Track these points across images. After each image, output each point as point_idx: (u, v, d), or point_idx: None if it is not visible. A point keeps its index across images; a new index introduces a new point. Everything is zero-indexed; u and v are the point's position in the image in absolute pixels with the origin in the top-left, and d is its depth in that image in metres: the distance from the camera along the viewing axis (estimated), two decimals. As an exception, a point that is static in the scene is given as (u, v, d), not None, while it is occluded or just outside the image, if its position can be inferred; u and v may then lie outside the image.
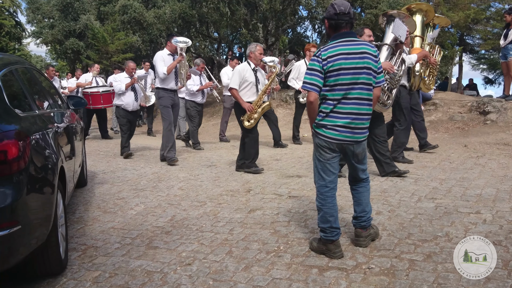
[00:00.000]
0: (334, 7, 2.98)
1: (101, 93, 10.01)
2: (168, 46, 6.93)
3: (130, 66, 8.14)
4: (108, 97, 10.00)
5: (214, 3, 13.76)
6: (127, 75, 8.10)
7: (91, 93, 9.98)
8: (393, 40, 5.24)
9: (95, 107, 10.09)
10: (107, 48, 16.96)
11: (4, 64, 3.04)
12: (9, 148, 2.36)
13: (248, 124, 5.85)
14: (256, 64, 5.95)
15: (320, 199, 3.08)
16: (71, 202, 4.74)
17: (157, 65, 6.75)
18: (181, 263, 3.06)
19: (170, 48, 6.88)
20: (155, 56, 6.92)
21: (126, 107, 7.91)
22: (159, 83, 6.92)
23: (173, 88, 6.98)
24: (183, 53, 6.90)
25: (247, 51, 6.07)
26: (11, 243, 2.32)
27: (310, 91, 2.98)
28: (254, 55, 5.90)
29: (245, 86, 5.89)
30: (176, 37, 6.94)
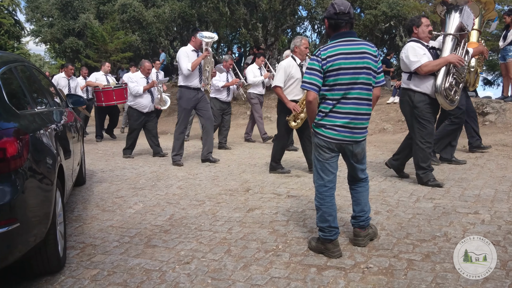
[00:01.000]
0: (334, 7, 2.98)
1: (113, 88, 9.58)
2: (192, 42, 6.59)
3: (146, 66, 7.69)
4: (120, 93, 9.59)
5: (213, 2, 13.77)
6: (142, 75, 7.66)
7: (103, 90, 9.58)
8: (458, 30, 4.82)
9: (108, 103, 9.62)
10: (106, 47, 16.96)
11: (3, 62, 3.03)
12: (8, 145, 2.36)
13: (295, 125, 5.51)
14: (301, 59, 5.55)
15: (319, 199, 3.08)
16: (70, 200, 4.74)
17: (181, 61, 6.45)
18: (179, 262, 3.06)
19: (195, 44, 6.56)
20: (179, 52, 6.61)
21: (141, 109, 7.54)
22: (182, 81, 6.60)
23: (197, 86, 6.63)
24: (209, 48, 6.56)
25: (292, 45, 5.66)
26: (10, 240, 2.32)
27: (309, 90, 2.98)
28: (300, 49, 5.52)
29: (291, 83, 5.53)
30: (201, 31, 6.61)
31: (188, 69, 6.36)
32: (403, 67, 4.89)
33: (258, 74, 8.87)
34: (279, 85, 5.51)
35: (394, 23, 13.80)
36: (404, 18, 13.46)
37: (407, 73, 4.83)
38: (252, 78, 8.84)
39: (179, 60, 6.52)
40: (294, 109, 5.43)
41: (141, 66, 7.73)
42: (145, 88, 7.48)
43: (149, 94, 7.57)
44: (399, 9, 13.31)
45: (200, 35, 6.46)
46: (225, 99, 8.52)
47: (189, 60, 6.42)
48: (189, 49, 6.54)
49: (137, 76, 7.68)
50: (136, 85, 7.47)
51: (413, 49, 4.67)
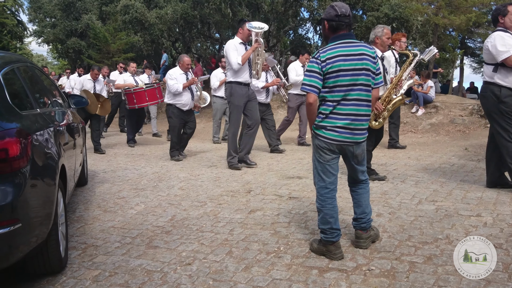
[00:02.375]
0: (335, 9, 2.98)
1: (145, 89, 8.95)
2: (239, 34, 6.18)
3: (185, 61, 7.19)
4: (152, 93, 9.02)
5: (216, 4, 13.77)
6: (182, 71, 7.20)
7: (134, 91, 8.93)
8: None
9: (141, 105, 8.96)
10: (108, 48, 16.96)
11: (6, 63, 3.04)
12: (11, 146, 2.37)
13: (376, 124, 5.09)
14: (383, 51, 5.12)
15: (320, 201, 3.08)
16: (72, 201, 4.74)
17: (230, 55, 6.03)
18: (181, 263, 3.06)
19: (242, 35, 6.14)
20: (226, 46, 6.19)
21: (181, 107, 7.17)
22: (231, 76, 6.17)
23: (248, 81, 6.22)
24: (259, 39, 6.16)
25: (372, 36, 5.21)
26: (12, 241, 2.33)
27: (309, 92, 2.98)
28: (381, 40, 5.07)
29: None
30: (249, 22, 6.25)
31: (238, 63, 5.96)
32: (487, 58, 4.48)
33: (301, 73, 8.20)
34: None
35: (396, 25, 13.76)
36: (406, 20, 13.45)
37: (492, 65, 4.39)
38: (294, 77, 8.27)
39: (227, 54, 6.10)
40: (376, 107, 4.99)
41: (180, 61, 7.31)
42: (185, 85, 7.09)
43: (188, 91, 7.21)
44: (401, 11, 13.29)
45: (249, 25, 6.06)
46: (264, 100, 7.94)
47: (238, 54, 6.03)
48: (236, 42, 6.14)
49: (176, 73, 7.20)
50: (175, 83, 7.05)
51: (501, 38, 4.28)
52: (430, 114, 10.21)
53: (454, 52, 16.90)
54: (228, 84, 6.25)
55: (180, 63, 7.27)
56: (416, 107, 10.48)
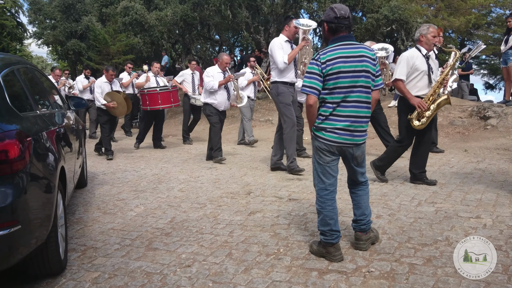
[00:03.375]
0: (334, 11, 2.99)
1: (158, 91, 8.56)
2: (285, 31, 5.88)
3: (224, 59, 6.95)
4: (166, 96, 8.63)
5: (215, 5, 13.79)
6: (220, 69, 6.99)
7: (147, 92, 8.59)
8: None
9: (153, 107, 8.61)
10: (108, 50, 16.98)
11: (5, 64, 3.04)
12: (10, 147, 2.37)
13: (419, 124, 4.85)
14: (428, 50, 4.89)
15: (320, 202, 3.08)
16: (71, 202, 4.74)
17: (275, 54, 5.72)
18: (180, 265, 3.05)
19: (288, 33, 5.85)
20: (272, 44, 5.87)
21: (216, 106, 6.97)
22: (276, 76, 5.87)
23: (293, 81, 5.94)
24: (307, 37, 5.85)
25: (416, 34, 5.00)
26: (11, 242, 2.32)
27: (310, 94, 2.99)
28: (426, 38, 4.86)
29: (415, 76, 4.86)
30: (296, 19, 5.92)
31: (284, 62, 5.68)
32: None
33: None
34: (401, 79, 4.84)
35: (395, 27, 13.80)
36: (405, 22, 13.47)
37: None
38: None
39: (272, 53, 5.79)
40: (419, 105, 4.77)
41: (219, 59, 7.06)
42: (221, 83, 6.84)
43: (224, 91, 7.00)
44: (400, 13, 13.32)
45: (297, 22, 5.77)
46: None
47: (284, 52, 5.73)
48: (282, 40, 5.84)
49: (213, 71, 7.00)
50: (211, 80, 6.84)
51: None
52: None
53: (453, 54, 16.90)
54: (274, 84, 5.96)
55: (219, 62, 7.05)
56: None
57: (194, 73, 9.73)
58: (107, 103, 7.68)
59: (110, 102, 7.67)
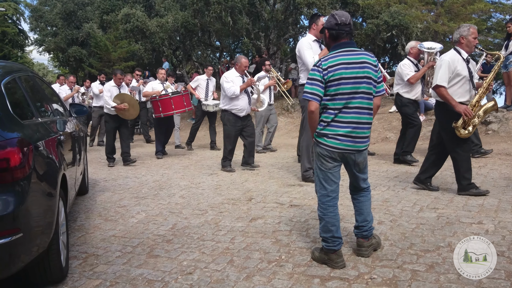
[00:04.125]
0: (335, 18, 3.00)
1: (171, 96, 8.34)
2: (312, 30, 5.48)
3: (243, 63, 6.62)
4: (179, 100, 8.39)
5: (216, 12, 13.83)
6: (238, 73, 6.64)
7: (160, 98, 8.33)
8: None
9: (167, 113, 8.34)
10: (109, 56, 17.04)
11: (7, 72, 3.05)
12: (12, 155, 2.37)
13: (466, 133, 4.53)
14: (468, 52, 4.61)
15: (322, 209, 3.07)
16: (73, 210, 4.73)
17: (304, 54, 5.36)
18: (182, 272, 3.04)
19: (316, 32, 5.44)
20: (300, 44, 5.48)
21: (237, 113, 6.58)
22: (305, 78, 5.30)
23: None
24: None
25: (456, 36, 4.69)
26: (13, 250, 2.32)
27: (311, 100, 2.99)
28: (467, 40, 4.57)
29: (456, 82, 4.54)
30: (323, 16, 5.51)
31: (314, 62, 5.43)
32: None
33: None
34: (442, 85, 4.51)
35: (396, 32, 13.82)
36: (405, 27, 13.50)
37: None
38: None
39: (301, 53, 5.41)
40: (465, 113, 4.43)
41: (237, 63, 6.71)
42: (242, 88, 6.50)
43: (245, 95, 6.65)
44: (400, 19, 13.35)
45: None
46: None
47: (314, 52, 5.36)
48: (310, 39, 5.45)
49: (232, 75, 6.62)
50: (232, 85, 6.47)
51: None
52: (431, 121, 10.20)
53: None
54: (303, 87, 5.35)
55: (237, 65, 6.70)
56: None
57: (209, 79, 9.56)
58: (117, 105, 7.48)
59: (121, 104, 7.49)
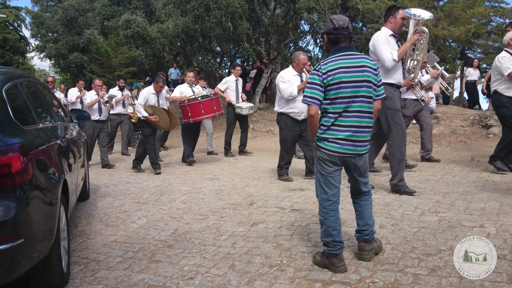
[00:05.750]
0: (332, 22, 3.02)
1: (200, 100, 7.94)
2: (389, 24, 4.89)
3: (301, 59, 5.94)
4: (209, 105, 8.00)
5: (216, 18, 13.88)
6: (296, 72, 6.05)
7: (188, 103, 7.91)
8: None
9: (196, 119, 8.00)
10: (110, 62, 17.11)
11: (8, 78, 3.06)
12: (13, 161, 2.37)
13: None
14: None
15: (323, 213, 3.07)
16: (74, 215, 4.73)
17: (381, 50, 4.75)
18: (183, 277, 3.04)
19: (394, 26, 4.87)
20: (375, 38, 4.89)
21: (295, 116, 6.04)
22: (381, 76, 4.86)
23: (400, 83, 4.95)
24: (423, 29, 4.89)
25: (505, 39, 4.41)
26: (14, 256, 2.32)
27: (311, 104, 3.00)
28: None
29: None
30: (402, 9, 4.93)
31: (394, 59, 4.69)
32: None
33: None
34: None
35: (396, 36, 13.85)
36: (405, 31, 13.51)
37: None
38: None
39: (376, 49, 4.83)
40: None
41: (295, 60, 6.05)
42: (300, 88, 5.86)
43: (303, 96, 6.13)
44: (401, 23, 13.38)
45: (407, 11, 4.88)
46: None
47: (392, 48, 4.77)
48: (387, 33, 4.88)
49: (288, 74, 6.05)
50: (288, 86, 5.92)
51: None
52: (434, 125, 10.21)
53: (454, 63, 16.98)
54: None
55: (294, 63, 6.08)
56: None
57: (238, 79, 9.14)
58: (148, 116, 7.32)
59: (152, 115, 7.33)
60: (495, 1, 17.83)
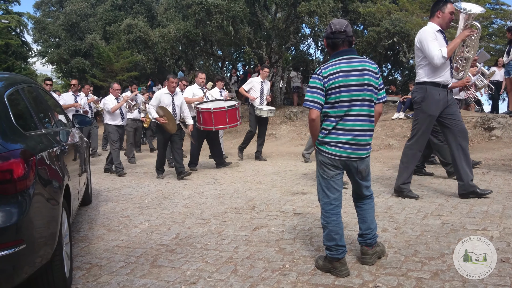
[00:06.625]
0: (330, 27, 3.05)
1: (226, 109, 7.57)
2: (437, 19, 4.66)
3: None
4: (234, 114, 7.67)
5: (218, 22, 13.91)
6: None
7: (214, 110, 7.54)
8: None
9: (219, 127, 7.73)
10: (112, 67, 17.16)
11: (10, 84, 3.07)
12: (15, 167, 2.38)
13: None
14: None
15: (325, 217, 3.06)
16: (76, 220, 4.74)
17: (429, 46, 4.53)
18: (185, 282, 3.03)
19: (442, 21, 4.63)
20: (422, 34, 4.64)
21: None
22: (426, 75, 4.66)
23: (448, 82, 4.70)
24: (475, 24, 4.64)
25: None
26: (16, 262, 2.32)
27: (312, 108, 3.00)
28: None
29: None
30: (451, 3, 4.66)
31: (443, 56, 4.48)
32: None
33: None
34: None
35: (397, 39, 13.86)
36: (407, 34, 13.53)
37: None
38: None
39: (423, 45, 4.59)
40: None
41: None
42: None
43: None
44: (401, 26, 13.39)
45: (458, 5, 4.64)
46: None
47: (439, 44, 4.53)
48: (434, 29, 4.64)
49: None
50: None
51: None
52: (434, 128, 10.20)
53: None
54: (421, 85, 4.74)
55: None
56: None
57: (264, 81, 8.75)
58: (158, 117, 7.05)
59: (162, 116, 7.04)
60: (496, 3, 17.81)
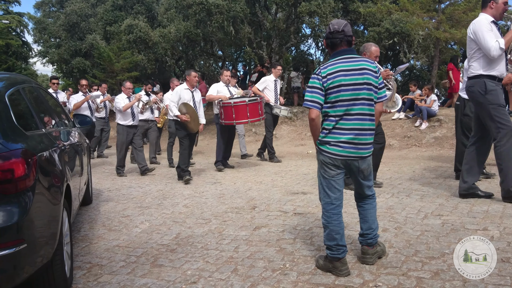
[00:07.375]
0: (329, 27, 3.07)
1: (247, 103, 7.46)
2: (490, 9, 4.42)
3: (373, 51, 5.15)
4: (255, 108, 7.53)
5: (218, 22, 13.92)
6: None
7: (234, 104, 7.43)
8: None
9: (240, 122, 7.62)
10: (112, 67, 17.14)
11: (11, 84, 3.08)
12: (16, 166, 2.38)
13: None
14: None
15: (326, 217, 3.07)
16: (76, 220, 4.74)
17: (485, 37, 4.31)
18: (186, 282, 3.04)
19: (495, 12, 4.42)
20: (476, 25, 4.40)
21: None
22: (482, 68, 4.43)
23: (503, 75, 4.48)
24: None
25: None
26: (17, 261, 2.32)
27: (312, 108, 3.00)
28: None
29: None
30: None
31: (500, 47, 4.26)
32: None
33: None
34: None
35: (397, 39, 13.85)
36: (407, 35, 13.53)
37: None
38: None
39: (478, 36, 4.36)
40: None
41: (366, 53, 5.22)
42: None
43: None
44: (402, 26, 13.38)
45: None
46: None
47: (495, 36, 4.31)
48: (488, 20, 4.42)
49: None
50: None
51: None
52: (434, 128, 10.20)
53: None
54: (477, 79, 4.48)
55: (365, 56, 5.22)
56: (420, 121, 10.48)
57: (277, 80, 8.65)
58: (180, 114, 6.74)
59: (185, 114, 6.72)
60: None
